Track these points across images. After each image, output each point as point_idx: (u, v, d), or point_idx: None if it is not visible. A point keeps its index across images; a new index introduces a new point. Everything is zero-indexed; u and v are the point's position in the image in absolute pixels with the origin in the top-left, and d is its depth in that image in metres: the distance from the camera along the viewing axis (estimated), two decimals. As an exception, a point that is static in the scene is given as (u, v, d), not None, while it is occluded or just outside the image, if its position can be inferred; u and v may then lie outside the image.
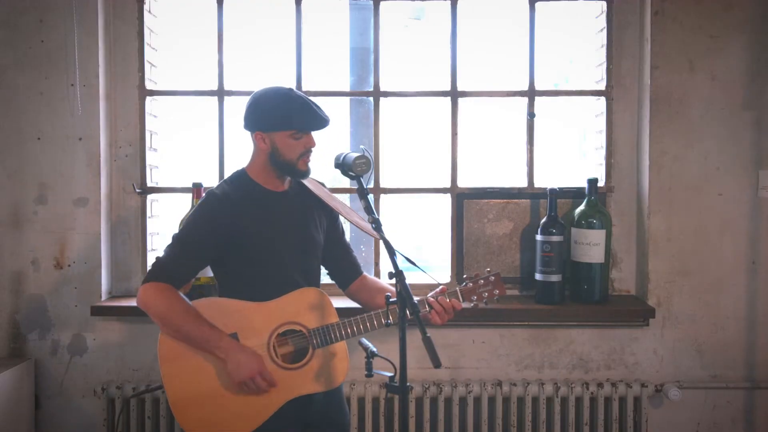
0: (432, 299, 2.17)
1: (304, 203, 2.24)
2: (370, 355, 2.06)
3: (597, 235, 2.75)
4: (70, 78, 2.78)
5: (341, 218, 2.36)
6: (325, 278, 2.39)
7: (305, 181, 2.27)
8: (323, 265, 2.36)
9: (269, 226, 2.15)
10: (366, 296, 2.33)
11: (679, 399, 2.78)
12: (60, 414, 2.87)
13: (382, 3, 2.93)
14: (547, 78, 3.10)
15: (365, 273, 2.40)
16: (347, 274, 2.36)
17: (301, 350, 2.13)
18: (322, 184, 2.35)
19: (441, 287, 2.22)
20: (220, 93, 2.92)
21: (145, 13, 2.90)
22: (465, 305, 2.21)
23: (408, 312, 1.87)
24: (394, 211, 3.12)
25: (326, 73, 3.13)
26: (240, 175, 2.21)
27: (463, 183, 2.95)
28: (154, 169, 3.01)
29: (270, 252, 2.14)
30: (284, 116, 2.09)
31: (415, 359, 2.73)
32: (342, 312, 2.21)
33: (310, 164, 2.17)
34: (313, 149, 2.16)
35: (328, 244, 2.32)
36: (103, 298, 2.86)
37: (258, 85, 2.19)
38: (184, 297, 2.10)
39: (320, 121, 2.12)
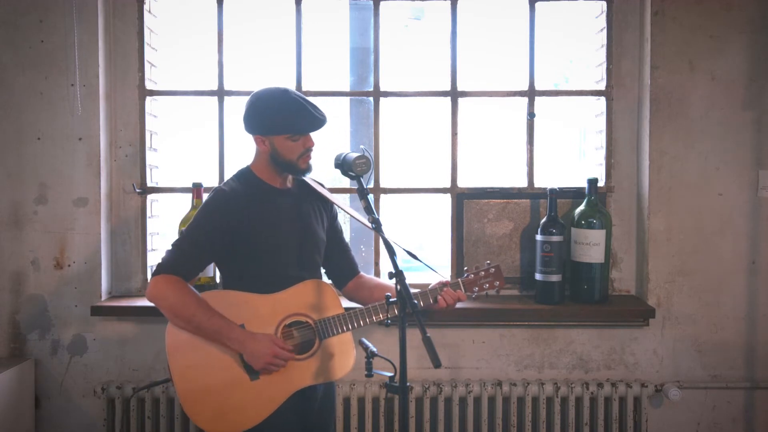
0: (438, 288, 2.21)
1: (307, 200, 2.27)
2: (370, 355, 2.06)
3: (597, 235, 2.75)
4: (70, 78, 2.78)
5: (339, 218, 2.39)
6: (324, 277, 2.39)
7: (307, 179, 2.29)
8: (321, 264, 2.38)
9: (275, 222, 2.17)
10: (365, 294, 2.34)
11: (679, 399, 2.78)
12: (60, 414, 2.87)
13: (382, 3, 2.93)
14: (547, 78, 3.10)
15: (362, 272, 2.41)
16: (344, 273, 2.38)
17: (307, 342, 2.14)
18: (321, 185, 2.37)
19: (443, 281, 2.25)
20: (220, 93, 2.92)
21: (145, 13, 2.90)
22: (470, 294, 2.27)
23: (407, 311, 1.88)
24: (394, 211, 3.12)
25: (326, 73, 3.13)
26: (245, 173, 2.23)
27: (463, 183, 2.95)
28: (154, 169, 3.01)
29: (276, 247, 2.16)
30: (280, 121, 2.11)
31: (415, 359, 2.74)
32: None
33: (312, 162, 2.19)
34: (312, 148, 2.17)
35: (327, 243, 2.33)
36: (103, 298, 2.86)
37: (258, 85, 2.19)
38: (194, 289, 2.11)
39: (316, 122, 2.13)
